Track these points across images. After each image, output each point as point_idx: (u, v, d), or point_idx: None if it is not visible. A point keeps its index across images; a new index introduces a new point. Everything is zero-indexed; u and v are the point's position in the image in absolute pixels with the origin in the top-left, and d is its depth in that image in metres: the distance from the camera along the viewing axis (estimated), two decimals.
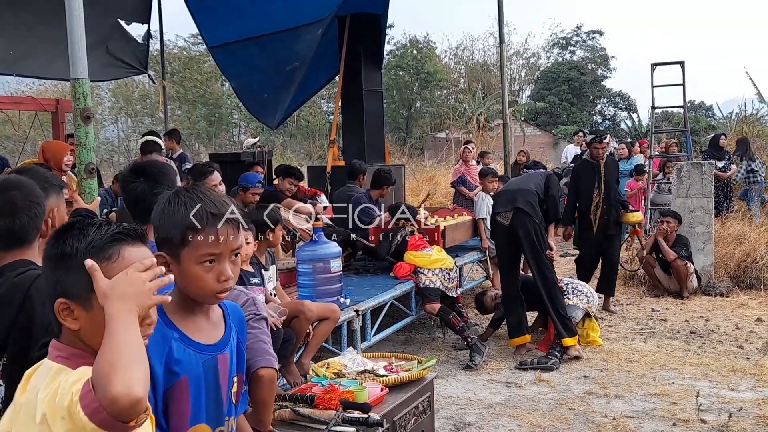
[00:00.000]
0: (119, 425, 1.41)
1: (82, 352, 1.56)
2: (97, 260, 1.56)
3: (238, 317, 2.07)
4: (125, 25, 10.46)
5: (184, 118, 29.80)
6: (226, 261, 1.88)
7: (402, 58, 35.21)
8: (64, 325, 1.57)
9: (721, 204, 12.13)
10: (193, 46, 30.10)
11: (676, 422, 4.88)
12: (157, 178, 3.06)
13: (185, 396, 1.87)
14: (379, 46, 10.69)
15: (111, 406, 1.39)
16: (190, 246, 1.85)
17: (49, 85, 25.79)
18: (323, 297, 5.02)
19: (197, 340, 1.90)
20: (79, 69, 3.40)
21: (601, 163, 8.04)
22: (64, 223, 1.71)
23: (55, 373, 1.52)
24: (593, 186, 8.02)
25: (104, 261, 1.57)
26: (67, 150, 6.21)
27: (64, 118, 9.91)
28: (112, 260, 1.59)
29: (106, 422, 1.40)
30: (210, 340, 1.93)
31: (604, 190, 7.99)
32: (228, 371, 1.98)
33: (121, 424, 1.41)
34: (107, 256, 1.58)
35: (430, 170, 20.33)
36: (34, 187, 2.39)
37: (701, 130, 27.33)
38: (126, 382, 1.40)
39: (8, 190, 2.32)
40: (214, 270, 1.86)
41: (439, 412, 5.04)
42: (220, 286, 1.87)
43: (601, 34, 41.14)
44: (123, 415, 1.40)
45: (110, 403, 1.39)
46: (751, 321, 7.61)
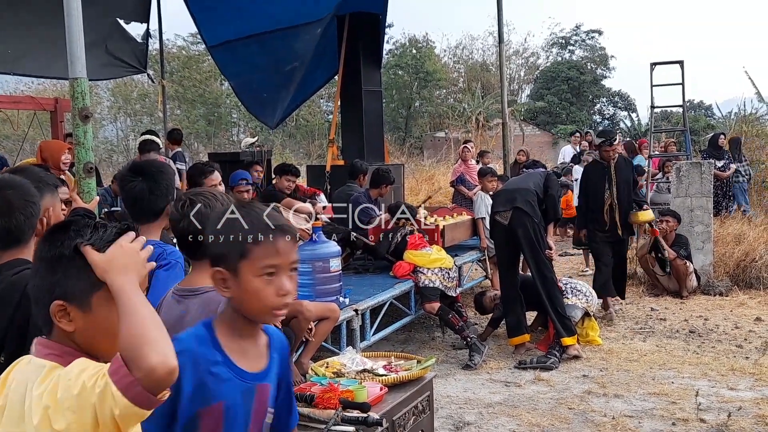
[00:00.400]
0: (151, 398, 1.42)
1: (74, 351, 1.55)
2: None
3: (281, 345, 2.01)
4: (124, 24, 10.44)
5: (183, 118, 29.80)
6: (285, 274, 1.84)
7: (401, 57, 35.22)
8: (58, 326, 1.56)
9: (720, 203, 12.13)
10: (192, 45, 30.11)
11: (675, 422, 4.88)
12: (156, 177, 3.05)
13: (218, 422, 1.83)
14: (379, 45, 10.70)
15: (149, 377, 1.40)
16: (249, 258, 1.80)
17: (48, 84, 25.78)
18: (322, 296, 5.02)
19: (241, 366, 1.86)
20: (77, 68, 3.39)
21: (612, 164, 7.78)
22: (57, 224, 1.70)
23: (50, 370, 1.50)
24: (603, 188, 7.77)
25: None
26: (64, 149, 6.21)
27: (63, 117, 9.90)
28: None
29: (139, 396, 1.41)
30: (253, 368, 1.88)
31: (617, 191, 7.74)
32: (266, 402, 1.93)
33: (153, 398, 1.43)
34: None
35: (430, 170, 20.33)
36: (29, 186, 2.39)
37: (700, 130, 27.34)
38: (161, 351, 1.42)
39: (3, 189, 2.32)
40: (273, 283, 1.81)
41: (439, 412, 5.04)
42: (279, 301, 1.82)
43: (600, 34, 41.18)
44: (160, 384, 1.42)
45: (148, 374, 1.40)
46: (750, 320, 7.61)
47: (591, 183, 7.96)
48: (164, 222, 3.06)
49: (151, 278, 2.84)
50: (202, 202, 2.39)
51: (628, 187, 7.88)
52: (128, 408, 1.40)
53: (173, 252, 2.87)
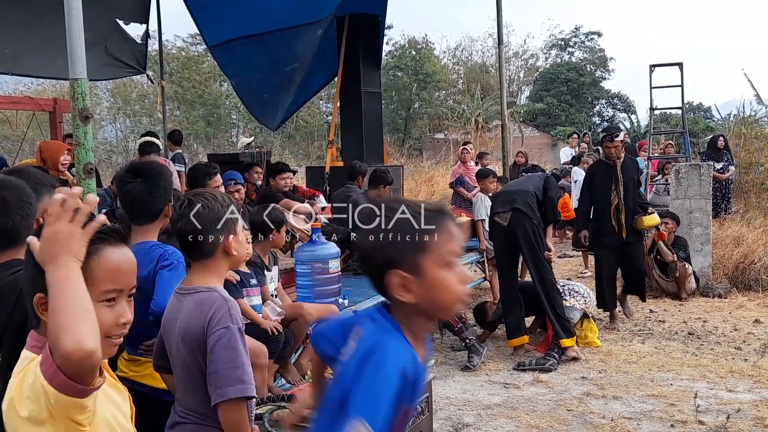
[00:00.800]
0: (78, 387, 1.43)
1: None
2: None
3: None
4: (124, 25, 10.43)
5: (183, 119, 29.78)
6: (459, 259, 1.73)
7: (401, 58, 35.21)
8: (42, 318, 1.60)
9: (719, 205, 12.14)
10: (191, 46, 30.08)
11: (674, 423, 4.88)
12: (155, 179, 3.06)
13: (401, 429, 1.70)
14: (378, 46, 10.69)
15: (65, 363, 1.41)
16: (430, 250, 1.65)
17: (47, 85, 25.79)
18: (322, 298, 5.02)
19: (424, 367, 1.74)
20: (77, 69, 3.39)
21: (618, 163, 7.44)
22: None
23: (29, 360, 1.55)
24: (610, 188, 7.43)
25: (85, 260, 1.58)
26: (63, 149, 6.22)
27: (62, 118, 9.90)
28: (92, 260, 1.61)
29: (64, 385, 1.43)
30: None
31: (623, 192, 7.40)
32: None
33: (78, 386, 1.43)
34: (87, 254, 1.59)
35: (429, 171, 20.36)
36: (25, 187, 2.41)
37: (700, 132, 27.35)
38: (75, 336, 1.41)
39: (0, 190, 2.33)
40: (455, 271, 1.68)
41: (438, 413, 5.04)
42: (465, 288, 1.70)
43: (599, 35, 41.15)
44: (78, 370, 1.42)
45: (64, 360, 1.41)
46: (749, 322, 7.61)
47: (595, 183, 7.63)
48: (162, 223, 3.07)
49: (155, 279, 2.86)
50: (201, 202, 2.40)
51: (634, 187, 7.58)
52: (57, 396, 1.43)
53: (174, 252, 2.88)
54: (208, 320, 2.26)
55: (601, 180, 7.54)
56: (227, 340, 2.24)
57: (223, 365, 2.23)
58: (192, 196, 2.46)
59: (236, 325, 2.27)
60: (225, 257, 2.41)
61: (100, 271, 1.63)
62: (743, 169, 14.24)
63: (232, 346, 2.25)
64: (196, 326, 2.28)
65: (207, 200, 2.42)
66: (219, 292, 2.33)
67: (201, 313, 2.28)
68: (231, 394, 2.20)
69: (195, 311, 2.30)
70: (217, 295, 2.32)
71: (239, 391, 2.21)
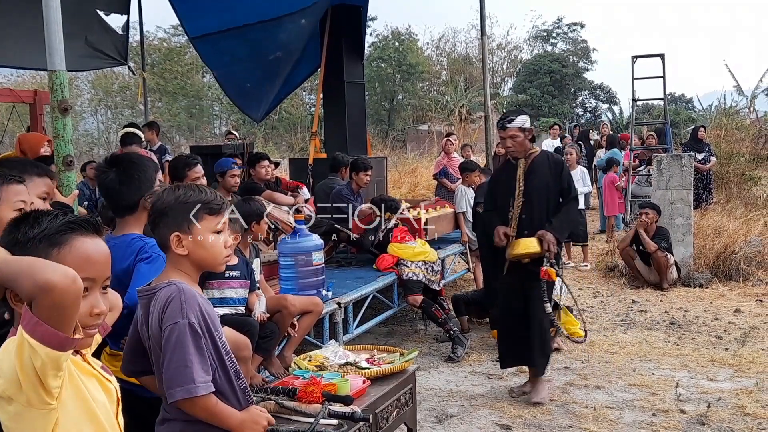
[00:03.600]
0: (60, 336, 1.46)
1: None
2: (48, 247, 1.62)
3: None
4: (104, 15, 10.34)
5: (165, 110, 29.61)
6: None
7: (384, 50, 35.18)
8: (15, 310, 1.62)
9: (700, 196, 12.23)
10: (173, 37, 29.92)
11: (655, 412, 4.92)
12: (129, 170, 3.03)
13: None
14: (361, 37, 10.66)
15: (50, 294, 1.44)
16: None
17: (27, 76, 25.55)
18: (305, 290, 5.01)
19: None
20: (56, 60, 3.35)
21: (520, 163, 5.16)
22: (23, 214, 1.76)
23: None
24: (508, 200, 5.18)
25: (55, 248, 1.63)
26: (43, 141, 6.15)
27: (42, 109, 9.81)
28: (63, 248, 1.64)
29: (47, 334, 1.45)
30: None
31: (521, 207, 5.09)
32: None
33: (60, 335, 1.46)
34: (58, 243, 1.63)
35: (412, 162, 20.34)
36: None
37: (681, 123, 27.54)
38: (55, 267, 1.47)
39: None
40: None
41: (422, 404, 5.05)
42: None
43: (582, 27, 41.39)
44: (65, 301, 1.46)
45: (49, 290, 1.44)
46: (730, 312, 7.68)
47: (499, 193, 5.37)
48: (143, 215, 3.02)
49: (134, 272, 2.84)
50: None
51: (546, 198, 5.13)
52: (39, 349, 1.44)
53: (154, 245, 2.86)
54: (160, 316, 2.26)
55: (504, 187, 5.28)
56: (175, 338, 2.21)
57: (173, 365, 2.23)
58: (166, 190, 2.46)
59: (186, 320, 2.23)
60: (186, 258, 2.40)
61: (69, 260, 1.62)
62: (724, 159, 14.36)
63: (180, 343, 2.22)
64: (155, 324, 2.28)
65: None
66: (177, 284, 2.31)
67: (158, 309, 2.28)
68: (179, 396, 2.22)
69: (154, 309, 2.29)
70: (173, 287, 2.28)
71: (186, 392, 2.22)
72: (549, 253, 4.95)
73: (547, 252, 4.95)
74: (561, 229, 5.07)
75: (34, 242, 1.62)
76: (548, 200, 5.13)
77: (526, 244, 4.98)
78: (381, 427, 3.51)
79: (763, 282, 8.76)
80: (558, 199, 5.16)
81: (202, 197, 2.41)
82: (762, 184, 14.58)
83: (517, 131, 5.05)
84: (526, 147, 5.12)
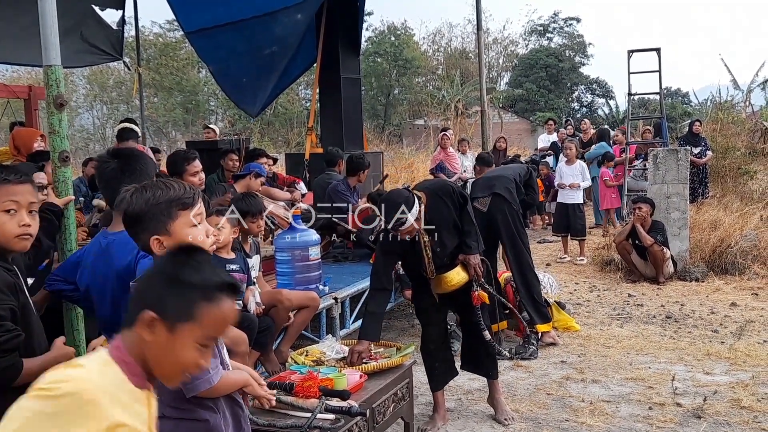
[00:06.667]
0: None
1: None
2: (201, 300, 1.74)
3: None
4: (99, 11, 10.29)
5: (160, 105, 29.56)
6: None
7: (380, 44, 35.14)
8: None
9: (696, 190, 12.26)
10: (169, 32, 29.86)
11: (652, 406, 4.94)
12: (131, 161, 3.03)
13: None
14: (357, 32, 10.64)
15: None
16: None
17: (22, 71, 25.46)
18: (302, 285, 5.01)
19: None
20: (51, 55, 3.34)
21: (421, 238, 4.51)
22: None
23: None
24: (421, 260, 4.63)
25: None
26: (36, 136, 6.15)
27: (38, 105, 9.77)
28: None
29: None
30: None
31: (431, 240, 4.54)
32: None
33: None
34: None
35: (409, 157, 20.35)
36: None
37: (677, 117, 27.58)
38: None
39: None
40: None
41: (418, 399, 5.06)
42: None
43: (578, 21, 41.35)
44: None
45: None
46: (726, 305, 7.70)
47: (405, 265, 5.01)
48: None
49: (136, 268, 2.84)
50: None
51: (447, 225, 4.57)
52: None
53: None
54: None
55: (410, 255, 4.63)
56: None
57: None
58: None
59: None
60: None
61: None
62: (720, 153, 14.39)
63: None
64: None
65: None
66: None
67: None
68: (202, 387, 2.33)
69: None
70: None
71: (207, 382, 2.34)
72: (477, 276, 4.60)
73: (475, 275, 4.60)
74: (476, 242, 4.66)
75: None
76: (452, 225, 4.59)
77: (451, 277, 4.59)
78: (378, 422, 3.52)
79: (759, 276, 8.79)
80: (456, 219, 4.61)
81: (171, 194, 2.40)
82: (758, 178, 14.60)
83: (412, 226, 4.31)
84: (420, 224, 4.41)
